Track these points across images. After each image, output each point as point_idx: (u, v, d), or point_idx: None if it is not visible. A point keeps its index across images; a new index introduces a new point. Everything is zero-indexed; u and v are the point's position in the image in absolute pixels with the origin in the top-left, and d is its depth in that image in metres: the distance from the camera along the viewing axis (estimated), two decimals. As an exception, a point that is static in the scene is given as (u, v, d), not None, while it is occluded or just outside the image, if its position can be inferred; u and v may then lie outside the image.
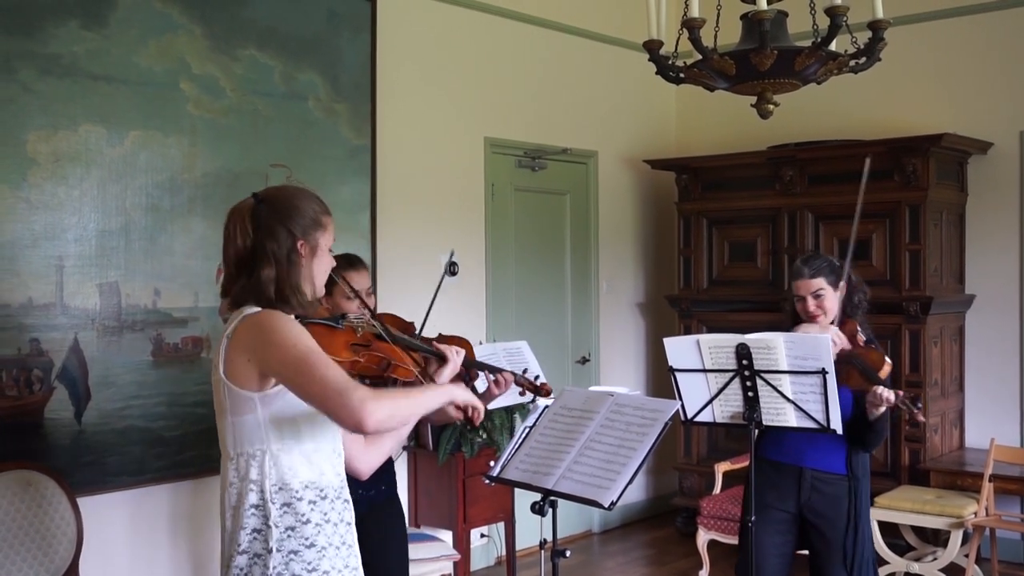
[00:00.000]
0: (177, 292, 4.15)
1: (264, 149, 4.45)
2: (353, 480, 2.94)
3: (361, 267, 3.13)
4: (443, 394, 2.16)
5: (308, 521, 2.07)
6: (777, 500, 3.34)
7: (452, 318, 4.89)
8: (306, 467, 2.08)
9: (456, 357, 2.68)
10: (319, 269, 2.16)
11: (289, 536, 2.04)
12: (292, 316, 2.10)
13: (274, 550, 2.02)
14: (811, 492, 3.31)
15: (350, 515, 2.18)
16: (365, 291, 3.05)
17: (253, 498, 2.05)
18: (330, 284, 3.03)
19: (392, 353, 2.50)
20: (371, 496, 3.08)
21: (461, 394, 2.19)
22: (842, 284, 3.32)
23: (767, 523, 3.33)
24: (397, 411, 2.02)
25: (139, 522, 4.09)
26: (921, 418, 3.09)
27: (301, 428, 2.08)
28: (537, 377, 3.18)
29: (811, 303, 3.30)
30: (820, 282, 3.30)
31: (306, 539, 2.06)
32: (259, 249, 2.09)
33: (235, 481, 2.08)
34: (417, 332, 2.97)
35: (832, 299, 3.31)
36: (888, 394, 3.07)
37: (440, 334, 3.20)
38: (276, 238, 2.09)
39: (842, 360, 3.14)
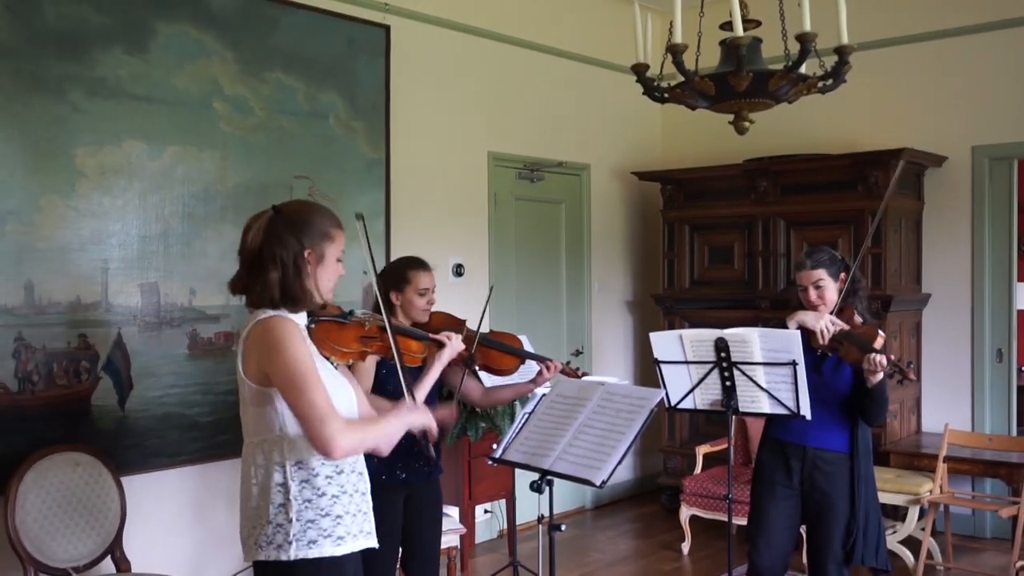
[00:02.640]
0: (211, 292, 4.16)
1: (289, 162, 4.45)
2: (393, 467, 2.97)
3: (429, 268, 3.19)
4: (402, 426, 2.22)
5: (324, 494, 2.12)
6: (783, 477, 3.28)
7: (459, 315, 4.88)
8: None
9: (451, 342, 2.82)
10: (325, 275, 2.19)
11: (307, 507, 2.10)
12: (298, 323, 2.13)
13: (294, 519, 2.09)
14: (812, 469, 3.24)
15: (365, 485, 2.23)
16: (430, 290, 3.16)
17: (278, 477, 2.11)
18: (402, 283, 3.10)
19: (397, 341, 2.52)
20: (408, 479, 3.09)
21: (418, 421, 2.26)
22: (842, 276, 3.27)
23: (773, 496, 3.29)
24: (363, 443, 2.12)
25: (176, 498, 4.10)
26: (912, 376, 3.06)
27: None
28: (578, 368, 3.32)
29: (812, 293, 3.24)
30: (820, 273, 3.24)
31: (322, 510, 2.12)
32: (267, 253, 2.12)
33: (262, 463, 2.13)
34: (476, 330, 3.11)
35: (832, 290, 3.24)
36: (880, 358, 3.01)
37: (492, 330, 3.28)
38: (285, 245, 2.12)
39: (840, 339, 3.12)
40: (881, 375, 3.06)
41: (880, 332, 3.14)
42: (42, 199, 3.67)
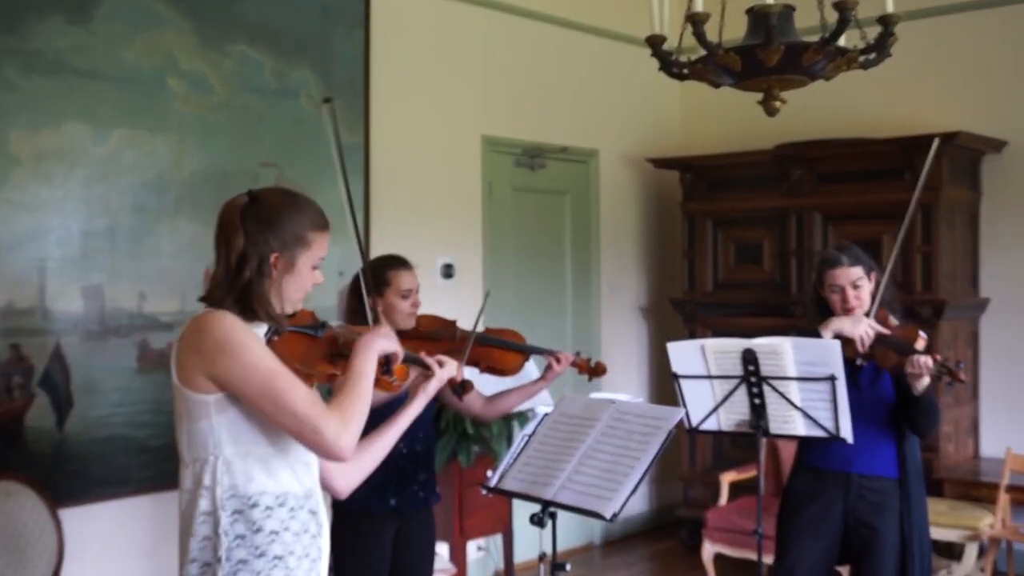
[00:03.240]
0: (164, 295, 4.16)
1: (254, 147, 4.46)
2: (383, 492, 2.97)
3: (410, 267, 3.21)
4: (370, 358, 2.10)
5: (260, 530, 2.03)
6: (820, 510, 3.26)
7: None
8: (262, 473, 2.05)
9: (442, 370, 2.36)
10: (292, 286, 2.11)
11: (238, 545, 2.01)
12: (247, 324, 2.05)
13: (223, 559, 2.00)
14: (857, 500, 3.22)
15: (316, 526, 2.12)
16: (414, 291, 3.16)
17: (204, 505, 2.04)
18: (381, 285, 3.10)
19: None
20: (400, 507, 3.10)
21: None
22: (874, 275, 3.30)
23: (808, 534, 3.26)
24: (363, 415, 2.04)
25: (124, 534, 4.09)
26: (963, 377, 3.04)
27: (258, 432, 2.06)
28: (590, 359, 3.36)
29: (850, 294, 3.24)
30: (859, 271, 3.25)
31: (256, 548, 2.02)
32: (224, 243, 2.08)
33: (189, 488, 2.08)
34: (471, 330, 3.11)
35: (867, 290, 3.27)
36: (925, 359, 3.01)
37: (488, 328, 3.28)
38: (251, 240, 2.06)
39: (876, 344, 3.13)
40: (927, 379, 3.06)
41: (921, 333, 3.16)
42: (-30, 190, 3.68)
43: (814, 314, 3.38)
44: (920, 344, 3.11)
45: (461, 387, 2.65)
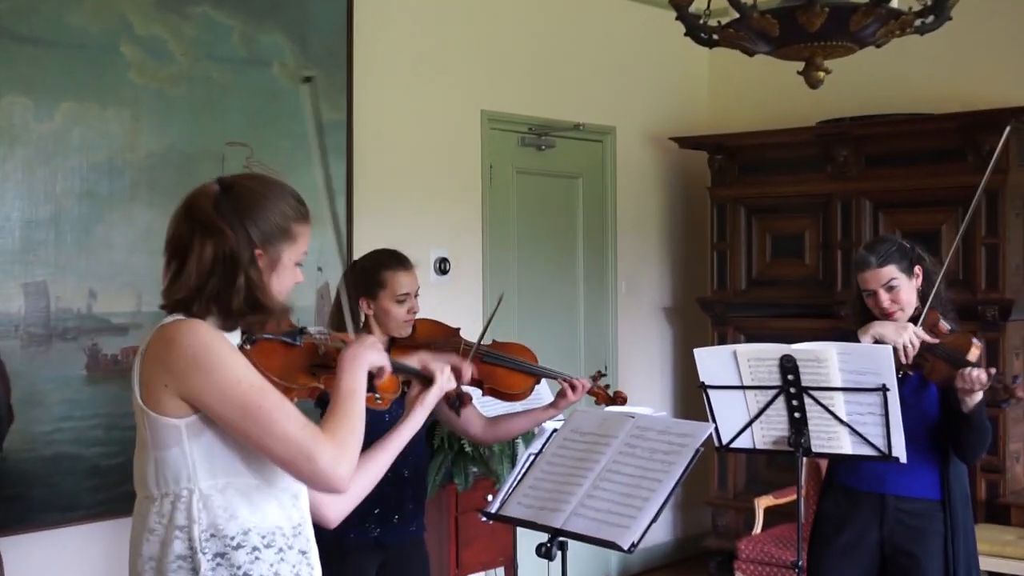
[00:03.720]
0: (116, 294, 4.15)
1: (219, 125, 4.45)
2: (364, 521, 2.97)
3: (409, 266, 3.20)
4: (360, 373, 2.11)
5: (247, 575, 2.00)
6: (854, 535, 3.29)
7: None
8: (246, 508, 2.02)
9: (443, 378, 2.39)
10: (276, 286, 2.10)
11: None
12: (223, 333, 2.04)
13: None
14: (895, 525, 3.26)
15: (308, 569, 2.10)
16: (412, 294, 3.15)
17: (179, 547, 1.99)
18: (374, 287, 3.08)
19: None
20: (383, 538, 3.10)
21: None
22: (917, 271, 3.31)
23: (842, 561, 3.29)
24: (360, 441, 2.04)
25: (71, 566, 4.09)
26: (1021, 394, 3.06)
27: (238, 460, 2.03)
28: (608, 386, 3.37)
29: (884, 297, 3.27)
30: (892, 270, 3.28)
31: None
32: (214, 248, 2.02)
33: (157, 527, 2.04)
34: (475, 343, 3.10)
35: (908, 289, 3.29)
36: (979, 373, 3.03)
37: (494, 341, 3.27)
38: (233, 238, 2.03)
39: (924, 352, 3.14)
40: (979, 396, 3.08)
41: (975, 342, 3.17)
42: None
43: (857, 317, 3.40)
44: (974, 354, 3.13)
45: (459, 399, 2.62)
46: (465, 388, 3.14)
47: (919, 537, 3.23)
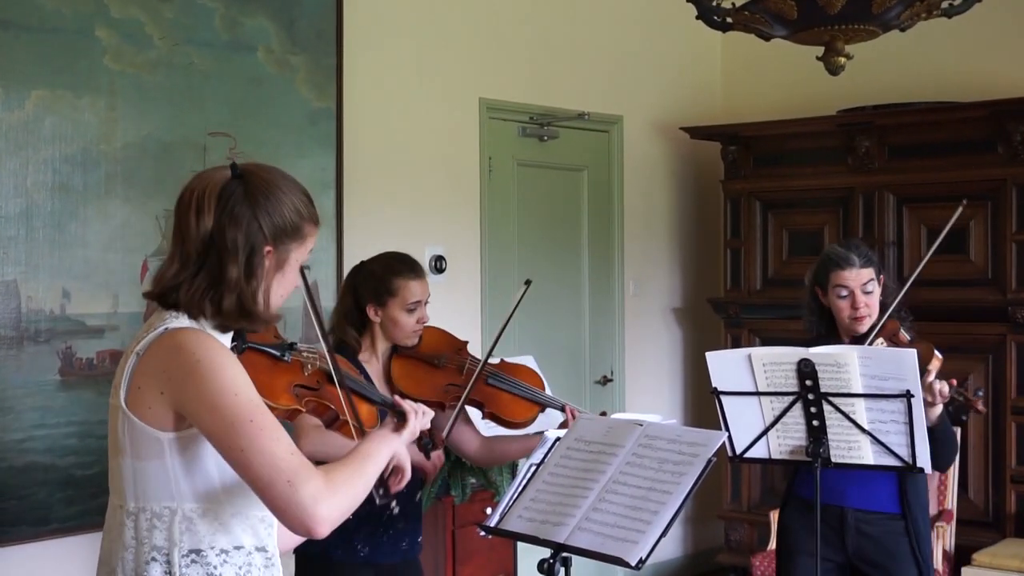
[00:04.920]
0: (91, 294, 4.16)
1: (201, 113, 4.46)
2: (351, 539, 2.97)
3: (422, 273, 3.20)
4: (387, 450, 2.12)
5: None
6: (823, 546, 3.32)
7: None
8: (222, 534, 2.01)
9: (417, 419, 2.32)
10: (279, 290, 2.08)
11: None
12: (228, 344, 2.03)
13: None
14: (858, 537, 3.37)
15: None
16: (423, 303, 3.16)
17: (155, 571, 1.98)
18: (384, 294, 3.08)
19: (341, 403, 2.36)
20: (372, 557, 3.11)
21: (400, 449, 2.18)
22: (882, 278, 3.42)
23: (809, 570, 3.34)
24: (355, 500, 2.01)
25: (43, 584, 4.10)
26: (981, 407, 3.19)
27: (215, 481, 2.01)
28: (605, 413, 3.30)
29: (861, 300, 3.36)
30: (871, 273, 3.38)
31: None
32: (228, 237, 1.98)
33: (132, 544, 2.02)
34: (481, 360, 3.13)
35: (877, 296, 3.40)
36: (941, 385, 3.13)
37: (503, 360, 3.27)
38: (246, 232, 1.99)
39: None
40: (940, 407, 3.18)
41: (936, 353, 3.24)
42: None
43: (817, 325, 3.50)
44: (935, 364, 3.20)
45: (431, 442, 2.65)
46: (466, 407, 3.17)
47: (884, 548, 3.35)
